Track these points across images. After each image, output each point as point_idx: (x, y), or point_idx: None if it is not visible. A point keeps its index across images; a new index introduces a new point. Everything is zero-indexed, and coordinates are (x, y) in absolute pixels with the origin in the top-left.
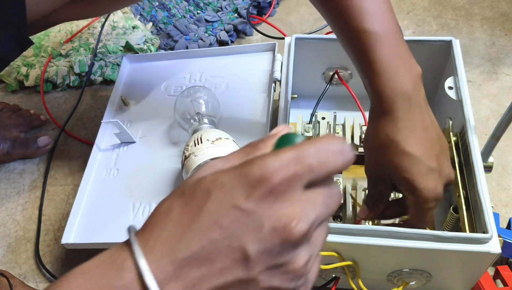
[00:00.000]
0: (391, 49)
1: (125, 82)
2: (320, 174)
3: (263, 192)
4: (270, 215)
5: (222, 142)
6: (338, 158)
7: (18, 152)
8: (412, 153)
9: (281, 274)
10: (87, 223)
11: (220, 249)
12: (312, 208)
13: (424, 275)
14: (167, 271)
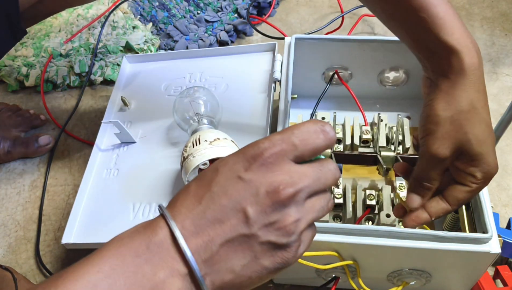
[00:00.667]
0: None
1: (125, 82)
2: (304, 150)
3: (257, 165)
4: (264, 182)
5: (220, 143)
6: (319, 136)
7: (19, 151)
8: (489, 122)
9: (275, 230)
10: (88, 223)
11: (227, 212)
12: (299, 178)
13: (424, 275)
14: (190, 230)
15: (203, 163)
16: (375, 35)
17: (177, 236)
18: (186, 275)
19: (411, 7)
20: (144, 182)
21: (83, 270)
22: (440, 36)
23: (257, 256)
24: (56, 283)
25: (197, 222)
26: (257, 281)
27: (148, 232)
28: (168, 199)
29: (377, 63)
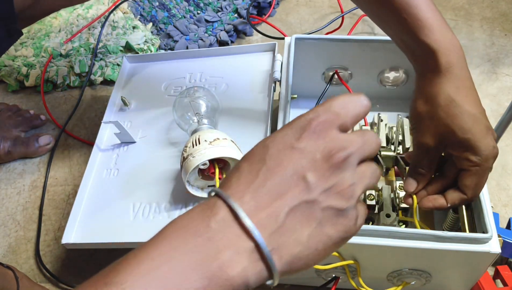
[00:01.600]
0: (432, 6)
1: (125, 82)
2: (346, 119)
3: (308, 134)
4: (317, 149)
5: (220, 143)
6: (357, 104)
7: (19, 151)
8: (473, 113)
9: (335, 194)
10: (88, 223)
11: (287, 181)
12: (348, 143)
13: (424, 275)
14: (251, 205)
15: (202, 163)
16: (375, 35)
17: (239, 212)
18: (252, 252)
19: (393, 8)
20: (144, 182)
21: (144, 254)
22: (418, 37)
23: (321, 223)
24: (117, 268)
25: (257, 197)
26: (322, 253)
27: (207, 212)
28: (168, 199)
29: (377, 63)
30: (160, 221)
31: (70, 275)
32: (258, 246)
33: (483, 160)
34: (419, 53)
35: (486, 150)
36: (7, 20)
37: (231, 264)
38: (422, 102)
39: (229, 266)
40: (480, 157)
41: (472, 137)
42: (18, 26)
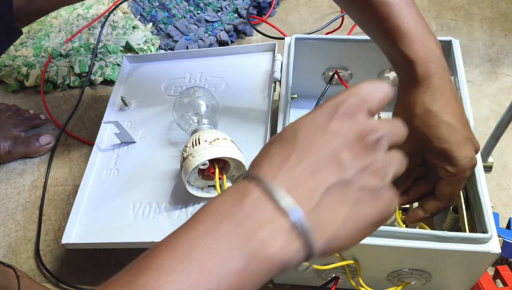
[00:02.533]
0: (415, 16)
1: (125, 82)
2: (372, 103)
3: (339, 116)
4: (350, 130)
5: (220, 143)
6: (381, 90)
7: (20, 151)
8: (450, 123)
9: (369, 175)
10: (88, 223)
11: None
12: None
13: (424, 275)
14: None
15: (202, 163)
16: None
17: (274, 190)
18: (289, 230)
19: (375, 16)
20: (144, 182)
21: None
22: (398, 47)
23: (357, 203)
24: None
25: (291, 177)
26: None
27: (238, 195)
28: (168, 199)
29: (377, 63)
30: (160, 221)
31: (70, 275)
32: (295, 224)
33: (459, 171)
34: (399, 62)
35: (463, 160)
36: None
37: (269, 242)
38: (400, 110)
39: (267, 244)
40: (456, 167)
41: (448, 147)
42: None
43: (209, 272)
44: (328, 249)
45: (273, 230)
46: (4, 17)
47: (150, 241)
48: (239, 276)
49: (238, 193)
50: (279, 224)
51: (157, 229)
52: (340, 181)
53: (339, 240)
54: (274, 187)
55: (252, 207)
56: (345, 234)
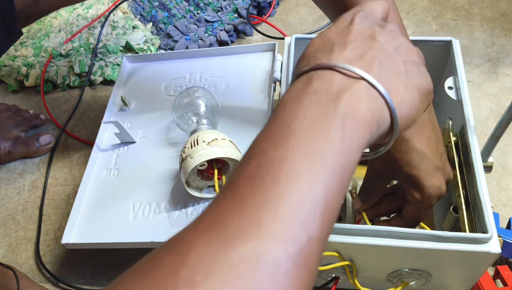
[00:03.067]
0: None
1: (125, 82)
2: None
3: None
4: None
5: (218, 143)
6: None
7: (20, 151)
8: (422, 151)
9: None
10: (88, 223)
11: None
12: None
13: (424, 275)
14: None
15: (200, 164)
16: None
17: (337, 63)
18: (367, 90)
19: None
20: (144, 182)
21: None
22: None
23: (408, 74)
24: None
25: (344, 58)
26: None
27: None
28: (168, 199)
29: None
30: (160, 221)
31: (70, 275)
32: (372, 84)
33: (425, 198)
34: None
35: (430, 189)
36: (7, 20)
37: (355, 100)
38: None
39: (354, 103)
40: (423, 195)
41: (417, 174)
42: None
43: (317, 152)
44: (402, 115)
45: (353, 92)
46: (6, 17)
47: (150, 241)
48: (341, 144)
49: (301, 82)
50: (356, 87)
51: (157, 229)
52: (386, 55)
53: (408, 105)
54: (335, 62)
55: (322, 83)
56: (410, 100)
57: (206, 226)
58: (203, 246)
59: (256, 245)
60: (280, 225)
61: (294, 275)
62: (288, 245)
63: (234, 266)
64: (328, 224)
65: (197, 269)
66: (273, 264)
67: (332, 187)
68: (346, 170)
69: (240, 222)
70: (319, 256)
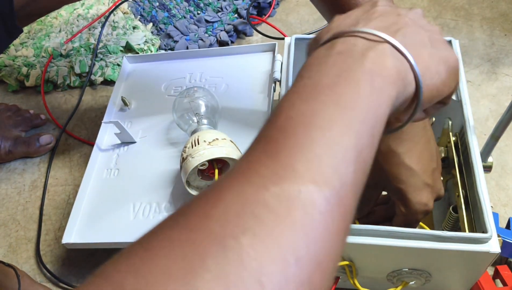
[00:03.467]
0: None
1: (126, 83)
2: None
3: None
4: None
5: (219, 143)
6: None
7: (20, 151)
8: (411, 167)
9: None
10: (88, 223)
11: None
12: None
13: (424, 274)
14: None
15: (201, 164)
16: None
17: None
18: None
19: None
20: (144, 182)
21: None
22: None
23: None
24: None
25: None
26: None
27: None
28: (168, 199)
29: None
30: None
31: (70, 275)
32: (396, 46)
33: (411, 213)
34: None
35: (416, 205)
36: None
37: (380, 58)
38: None
39: (380, 59)
40: (409, 209)
41: (404, 189)
42: (17, 24)
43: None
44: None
45: (378, 51)
46: (5, 15)
47: None
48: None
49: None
50: (381, 47)
51: None
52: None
53: (432, 73)
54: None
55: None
56: (435, 69)
57: (237, 174)
58: (235, 190)
59: (290, 186)
60: (313, 169)
61: (329, 217)
62: (322, 187)
63: (268, 206)
64: (360, 173)
65: (229, 209)
66: (309, 204)
67: (363, 138)
68: (376, 123)
69: (273, 167)
70: (353, 204)
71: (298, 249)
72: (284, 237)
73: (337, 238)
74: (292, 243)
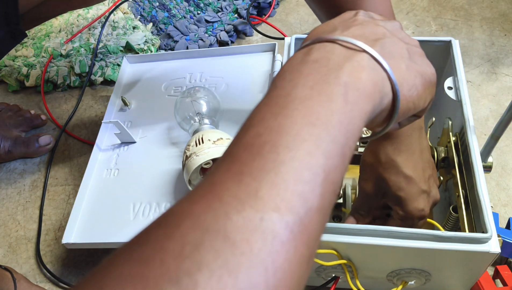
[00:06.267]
0: None
1: (126, 83)
2: None
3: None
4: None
5: (224, 143)
6: None
7: (20, 151)
8: (409, 175)
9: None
10: (88, 223)
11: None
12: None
13: (424, 274)
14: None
15: (206, 162)
16: None
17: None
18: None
19: None
20: (144, 182)
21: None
22: None
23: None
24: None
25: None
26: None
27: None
28: (168, 199)
29: None
30: None
31: (70, 275)
32: (373, 56)
33: (407, 217)
34: None
35: (413, 211)
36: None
37: (356, 69)
38: (369, 153)
39: (356, 71)
40: (406, 214)
41: (403, 196)
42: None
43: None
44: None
45: (355, 62)
46: (10, 19)
47: None
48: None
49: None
50: (358, 58)
51: None
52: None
53: (409, 85)
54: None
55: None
56: (412, 81)
57: (199, 197)
58: (194, 218)
59: (251, 214)
60: (277, 195)
61: (291, 246)
62: (285, 215)
63: (227, 237)
64: (329, 195)
65: (186, 241)
66: (270, 234)
67: (332, 157)
68: (347, 140)
69: (235, 192)
70: (320, 228)
71: (256, 285)
72: (242, 273)
73: (299, 268)
74: (250, 279)
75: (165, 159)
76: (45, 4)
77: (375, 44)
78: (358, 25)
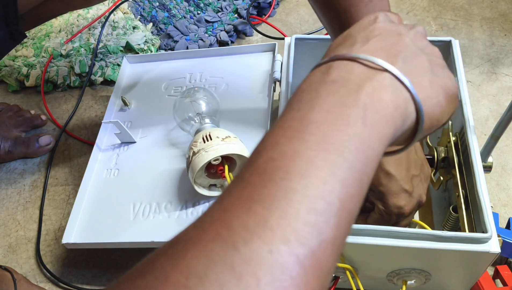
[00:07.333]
0: None
1: (126, 83)
2: None
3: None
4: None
5: (231, 140)
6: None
7: (20, 151)
8: (389, 172)
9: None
10: (88, 223)
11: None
12: None
13: (424, 274)
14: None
15: (215, 158)
16: None
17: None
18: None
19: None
20: (144, 182)
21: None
22: None
23: (434, 71)
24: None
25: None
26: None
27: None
28: (168, 199)
29: None
30: (160, 221)
31: (70, 275)
32: (396, 75)
33: (386, 213)
34: None
35: (392, 207)
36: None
37: (377, 90)
38: None
39: (376, 92)
40: (385, 209)
41: (384, 191)
42: (21, 28)
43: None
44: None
45: (376, 82)
46: (9, 19)
47: (150, 241)
48: (361, 137)
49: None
50: (379, 78)
51: (157, 229)
52: (411, 52)
53: (433, 102)
54: (357, 54)
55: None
56: (436, 98)
57: (207, 225)
58: (201, 247)
59: (260, 246)
60: (288, 226)
61: (301, 281)
62: (296, 248)
63: (234, 269)
64: (344, 226)
65: (191, 271)
66: (279, 269)
67: (349, 185)
68: (366, 167)
69: (244, 221)
70: (333, 260)
71: None
72: None
73: None
74: None
75: (165, 159)
76: (45, 4)
77: (397, 59)
78: (378, 36)
